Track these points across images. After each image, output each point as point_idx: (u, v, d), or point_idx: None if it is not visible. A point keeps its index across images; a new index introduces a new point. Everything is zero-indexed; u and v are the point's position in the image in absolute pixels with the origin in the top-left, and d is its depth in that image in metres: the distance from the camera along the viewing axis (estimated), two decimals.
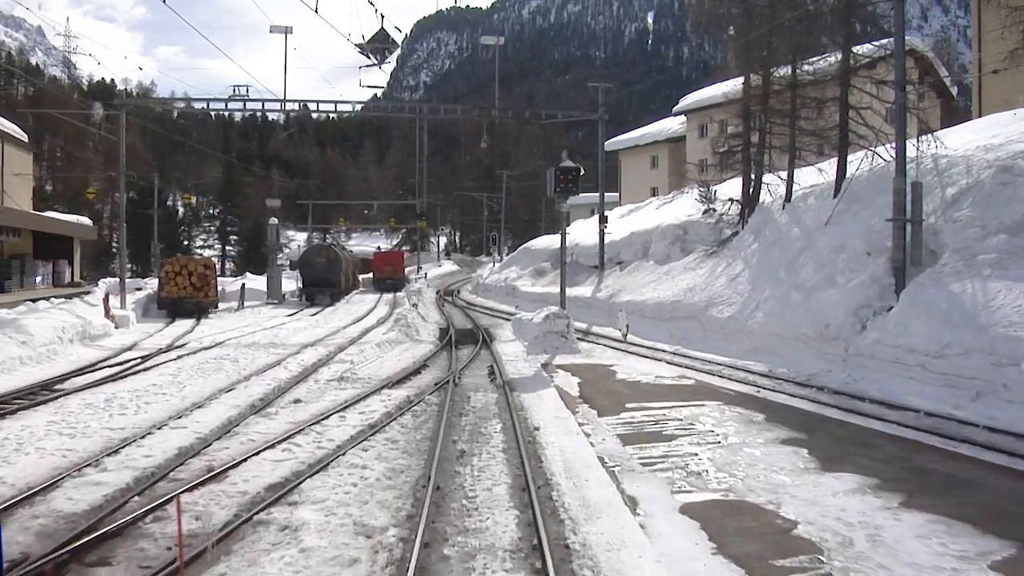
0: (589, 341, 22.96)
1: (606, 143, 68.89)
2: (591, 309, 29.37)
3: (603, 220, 33.16)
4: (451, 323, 29.42)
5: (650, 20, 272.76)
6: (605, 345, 22.07)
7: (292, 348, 20.59)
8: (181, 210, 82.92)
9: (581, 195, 72.77)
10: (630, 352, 20.39)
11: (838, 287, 17.85)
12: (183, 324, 28.94)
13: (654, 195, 55.10)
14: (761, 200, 25.40)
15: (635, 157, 60.86)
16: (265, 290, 41.91)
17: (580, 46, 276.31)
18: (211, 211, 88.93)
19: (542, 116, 35.51)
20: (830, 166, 24.02)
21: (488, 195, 71.82)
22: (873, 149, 20.56)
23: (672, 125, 57.74)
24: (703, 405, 12.59)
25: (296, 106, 30.45)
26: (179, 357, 19.00)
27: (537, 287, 37.93)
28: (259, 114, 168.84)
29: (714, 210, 29.31)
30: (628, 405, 12.62)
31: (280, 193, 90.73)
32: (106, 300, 25.40)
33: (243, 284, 38.70)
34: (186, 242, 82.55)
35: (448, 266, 74.37)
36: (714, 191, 29.86)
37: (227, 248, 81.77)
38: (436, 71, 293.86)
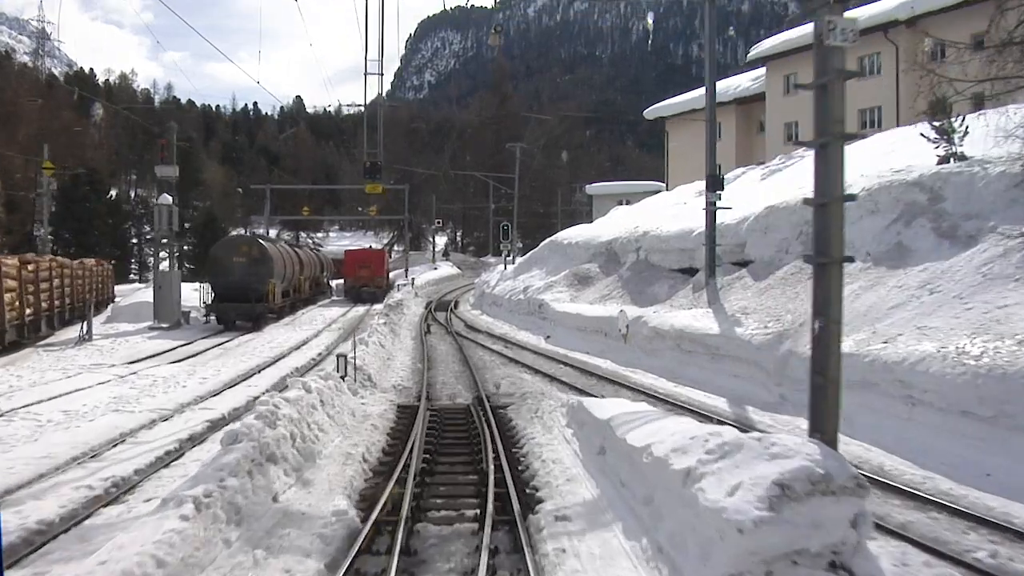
0: None
1: (647, 111, 53.12)
2: (721, 361, 13.56)
3: (715, 185, 17.23)
4: (427, 387, 13.57)
5: (650, 20, 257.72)
6: None
7: None
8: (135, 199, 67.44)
9: (608, 183, 56.45)
10: None
11: None
12: None
13: None
14: None
15: (688, 126, 44.81)
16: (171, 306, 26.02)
17: (586, 44, 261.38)
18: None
19: None
20: None
21: (496, 175, 55.84)
22: None
23: (741, 82, 41.87)
24: None
25: None
26: None
27: (581, 304, 21.98)
28: (250, 107, 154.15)
29: (962, 156, 13.63)
30: None
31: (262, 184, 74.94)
32: None
33: (90, 303, 22.58)
34: (135, 240, 66.53)
35: (445, 268, 58.39)
36: (961, 123, 14.15)
37: (186, 248, 65.95)
38: (440, 71, 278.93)
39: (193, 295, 28.14)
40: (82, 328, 20.96)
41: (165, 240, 25.58)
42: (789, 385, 11.72)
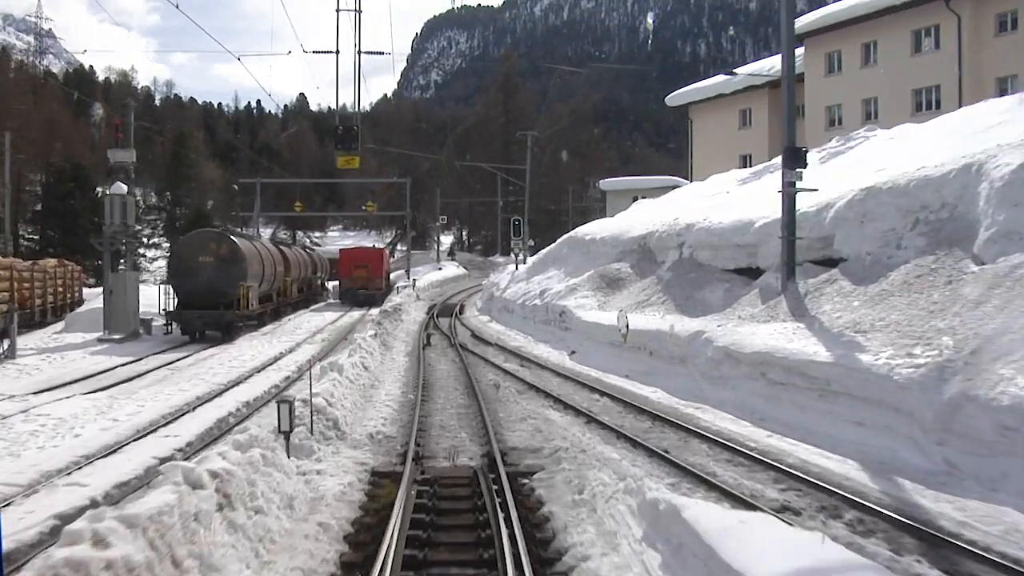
0: None
1: (669, 97, 48.78)
2: (833, 401, 9.47)
3: (795, 160, 13.15)
4: (417, 435, 9.48)
5: (650, 20, 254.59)
6: None
7: None
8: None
9: (622, 178, 52.20)
10: None
11: None
12: None
13: (746, 164, 35.15)
14: None
15: (715, 113, 40.82)
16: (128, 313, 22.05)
17: (593, 43, 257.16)
18: (158, 201, 69.01)
19: None
20: None
21: (505, 167, 51.82)
22: None
23: (775, 64, 37.62)
24: None
25: None
26: None
27: (613, 312, 17.87)
28: (253, 106, 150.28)
29: None
30: None
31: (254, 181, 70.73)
32: None
33: (13, 314, 18.39)
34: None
35: (450, 269, 54.36)
36: None
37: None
38: (447, 70, 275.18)
39: (163, 300, 24.23)
40: (1, 343, 16.98)
41: (118, 236, 21.64)
42: (959, 444, 7.64)
